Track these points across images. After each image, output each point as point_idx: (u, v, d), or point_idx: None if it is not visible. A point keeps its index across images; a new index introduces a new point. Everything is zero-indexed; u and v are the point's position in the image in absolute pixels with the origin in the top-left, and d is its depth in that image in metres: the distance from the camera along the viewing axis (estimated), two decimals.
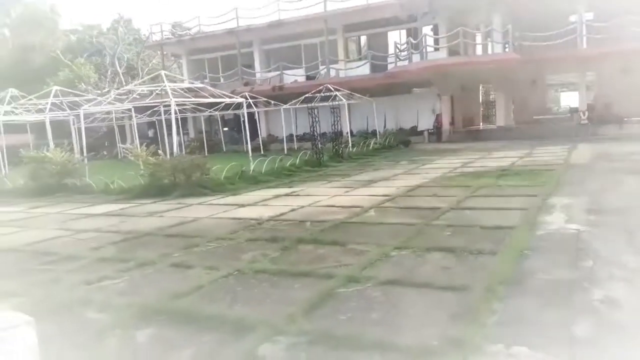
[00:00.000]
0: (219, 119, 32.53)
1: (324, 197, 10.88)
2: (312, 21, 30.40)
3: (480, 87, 32.99)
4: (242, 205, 10.49)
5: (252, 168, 15.39)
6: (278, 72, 32.91)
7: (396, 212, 8.73)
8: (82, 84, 45.84)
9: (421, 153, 21.01)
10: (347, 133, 24.27)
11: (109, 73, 50.59)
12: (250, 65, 34.71)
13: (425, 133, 27.64)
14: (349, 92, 25.13)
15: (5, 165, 21.44)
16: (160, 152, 13.73)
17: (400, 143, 24.95)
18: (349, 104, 25.71)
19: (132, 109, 19.06)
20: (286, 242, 6.83)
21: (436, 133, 27.23)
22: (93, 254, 6.94)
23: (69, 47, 54.50)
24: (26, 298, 5.16)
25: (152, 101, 17.01)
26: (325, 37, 30.27)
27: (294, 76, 32.19)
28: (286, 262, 5.98)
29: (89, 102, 18.67)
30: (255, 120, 29.49)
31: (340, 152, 19.56)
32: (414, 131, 28.26)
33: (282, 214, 9.05)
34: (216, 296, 4.93)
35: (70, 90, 18.16)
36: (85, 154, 15.88)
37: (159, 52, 46.07)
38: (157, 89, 16.41)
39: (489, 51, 26.98)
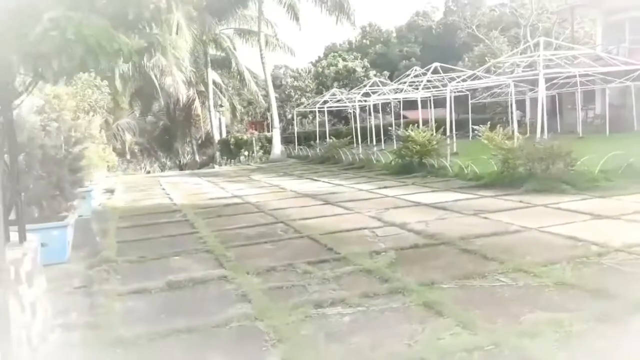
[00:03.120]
0: (633, 91, 26.37)
1: None
2: None
3: None
4: (599, 217, 7.49)
5: None
6: None
7: None
8: (488, 58, 45.71)
9: None
10: None
11: (522, 45, 48.63)
12: None
13: None
14: None
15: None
16: (517, 134, 11.52)
17: None
18: None
19: (512, 83, 17.12)
20: (618, 303, 4.11)
21: None
22: (368, 261, 5.93)
23: (492, 22, 54.92)
24: (251, 308, 4.60)
25: (517, 74, 14.67)
26: None
27: None
28: (592, 350, 3.45)
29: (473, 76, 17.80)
30: None
31: None
32: None
33: None
34: None
35: (450, 67, 17.64)
36: (448, 133, 15.17)
37: (578, 17, 41.33)
38: (532, 59, 13.98)
39: None
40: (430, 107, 23.33)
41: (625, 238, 6.09)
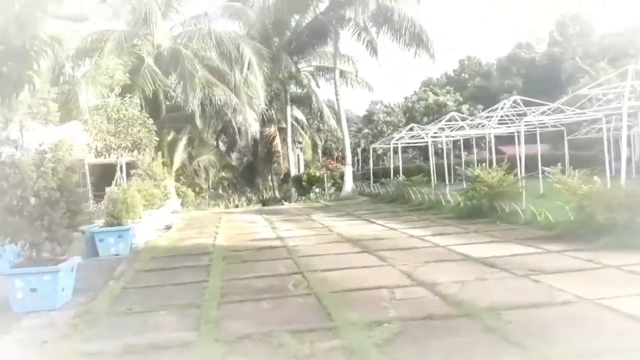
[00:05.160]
0: None
1: None
2: None
3: None
4: None
5: None
6: None
7: None
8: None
9: None
10: None
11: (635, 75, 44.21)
12: None
13: None
14: None
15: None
16: (596, 178, 9.77)
17: None
18: None
19: (603, 118, 15.05)
20: None
21: None
22: (361, 335, 4.90)
23: (601, 52, 50.78)
24: None
25: (590, 110, 12.71)
26: None
27: None
28: None
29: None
30: None
31: None
32: None
33: None
34: None
35: (531, 99, 15.89)
36: (522, 173, 13.50)
37: None
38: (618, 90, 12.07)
39: None
40: (519, 143, 21.34)
41: None
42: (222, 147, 36.50)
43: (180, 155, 25.50)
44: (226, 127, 31.22)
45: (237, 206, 28.27)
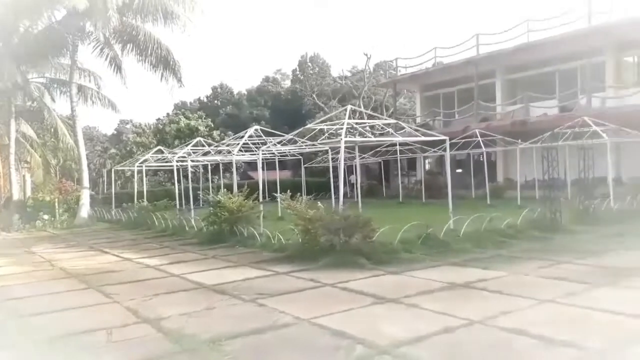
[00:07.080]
0: (447, 160, 28.57)
1: (531, 302, 6.30)
2: (571, 41, 24.13)
3: None
4: (381, 300, 6.69)
5: (445, 228, 11.28)
6: (522, 105, 27.44)
7: None
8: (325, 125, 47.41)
9: None
10: (610, 181, 17.59)
11: (357, 114, 51.29)
12: (491, 99, 29.95)
13: None
14: (618, 127, 18.51)
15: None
16: (319, 204, 10.83)
17: None
18: (616, 143, 19.01)
19: (329, 149, 16.97)
20: None
21: None
22: None
23: (334, 92, 57.16)
24: None
25: (318, 142, 14.58)
26: (588, 59, 23.78)
27: (543, 108, 26.25)
28: None
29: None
30: (493, 162, 25.19)
31: (592, 209, 13.69)
32: None
33: (423, 338, 5.01)
34: None
35: (270, 130, 17.22)
36: (265, 198, 14.22)
37: (405, 91, 45.78)
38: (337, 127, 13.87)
39: None
40: (262, 169, 22.58)
41: (396, 332, 5.24)
42: None
43: None
44: None
45: None
